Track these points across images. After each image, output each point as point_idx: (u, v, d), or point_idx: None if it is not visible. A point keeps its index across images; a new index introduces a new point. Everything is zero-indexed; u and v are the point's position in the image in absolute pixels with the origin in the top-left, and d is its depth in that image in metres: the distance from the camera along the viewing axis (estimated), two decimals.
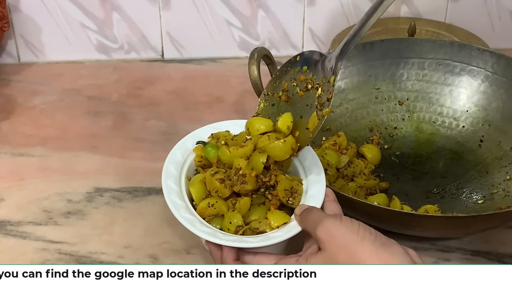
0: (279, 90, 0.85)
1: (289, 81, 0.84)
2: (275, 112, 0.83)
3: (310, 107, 0.81)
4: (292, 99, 0.83)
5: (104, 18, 1.22)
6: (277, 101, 0.84)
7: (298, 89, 0.83)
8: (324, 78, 0.81)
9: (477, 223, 0.81)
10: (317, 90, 0.81)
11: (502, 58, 1.01)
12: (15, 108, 1.14)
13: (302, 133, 0.79)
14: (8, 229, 0.90)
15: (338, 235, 0.66)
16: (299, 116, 0.81)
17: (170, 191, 0.76)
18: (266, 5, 1.23)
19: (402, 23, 1.23)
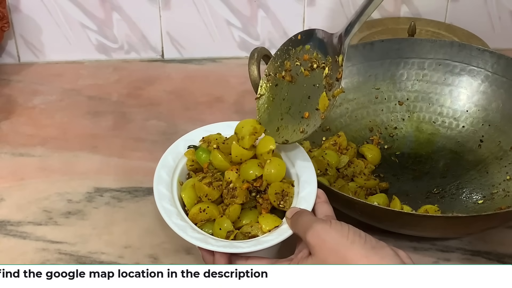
0: (282, 70, 0.83)
1: (292, 60, 0.83)
2: (279, 92, 0.82)
3: (318, 87, 0.80)
4: (297, 78, 0.82)
5: (104, 18, 1.22)
6: (280, 81, 0.83)
7: (302, 68, 0.82)
8: (330, 57, 0.80)
9: (477, 223, 0.81)
10: (323, 70, 0.80)
11: (502, 58, 1.01)
12: (15, 108, 1.14)
13: (312, 114, 0.78)
14: (8, 229, 0.90)
15: (328, 239, 0.66)
16: (306, 96, 0.80)
17: (161, 197, 0.75)
18: (266, 5, 1.23)
19: (402, 23, 1.23)
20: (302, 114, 0.79)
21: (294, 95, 0.82)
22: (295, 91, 0.81)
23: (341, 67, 0.78)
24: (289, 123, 0.80)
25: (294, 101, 0.81)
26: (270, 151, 0.77)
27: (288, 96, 0.82)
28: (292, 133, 0.79)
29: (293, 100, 0.81)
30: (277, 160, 0.77)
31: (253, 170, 0.76)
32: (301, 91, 0.81)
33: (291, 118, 0.80)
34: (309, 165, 0.78)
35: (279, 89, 0.83)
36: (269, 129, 0.81)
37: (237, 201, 0.75)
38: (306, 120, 0.79)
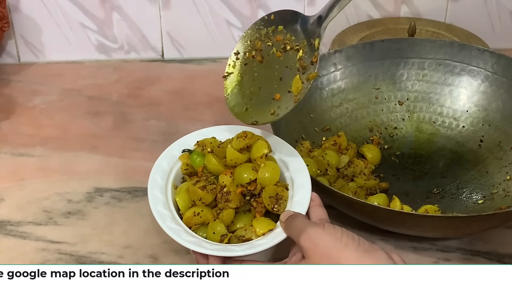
0: (252, 50, 0.82)
1: (263, 40, 0.82)
2: (248, 72, 0.81)
3: (291, 69, 0.79)
4: (268, 59, 0.81)
5: (104, 18, 1.22)
6: (250, 60, 0.82)
7: (274, 49, 0.81)
8: (305, 40, 0.79)
9: (477, 223, 0.81)
10: (297, 52, 0.79)
11: (502, 58, 1.01)
12: (15, 108, 1.14)
13: (284, 96, 0.77)
14: (8, 229, 0.90)
15: (321, 243, 0.66)
16: (278, 78, 0.79)
17: (156, 201, 0.76)
18: (266, 5, 1.23)
19: (402, 23, 1.23)
20: (273, 96, 0.78)
21: (264, 75, 0.81)
22: (266, 71, 0.80)
23: (317, 50, 0.77)
24: (259, 104, 0.79)
25: (265, 82, 0.80)
26: (264, 155, 0.78)
27: (258, 76, 0.81)
28: (262, 114, 0.79)
29: (264, 80, 0.80)
30: (271, 164, 0.77)
31: (247, 173, 0.76)
32: (272, 72, 0.80)
33: (261, 99, 0.80)
34: (303, 169, 0.79)
35: (248, 69, 0.82)
36: (237, 109, 0.80)
37: (231, 205, 0.75)
38: (277, 102, 0.78)
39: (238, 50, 0.83)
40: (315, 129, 1.01)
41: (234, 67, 0.83)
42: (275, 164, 0.78)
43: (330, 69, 1.03)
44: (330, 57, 1.03)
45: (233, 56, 0.83)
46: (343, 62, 1.04)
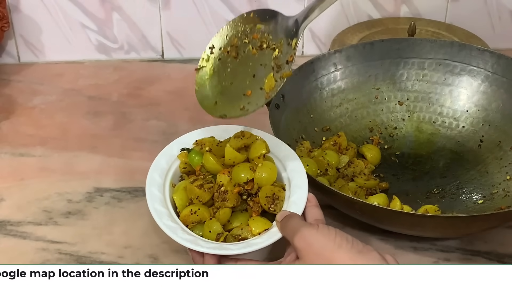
0: (228, 45, 0.83)
1: (239, 37, 0.82)
2: (222, 67, 0.82)
3: (265, 67, 0.79)
4: (242, 56, 0.81)
5: (104, 18, 1.22)
6: (224, 56, 0.82)
7: (250, 46, 0.81)
8: (282, 40, 0.79)
9: (477, 223, 0.81)
10: (273, 51, 0.79)
11: (502, 58, 1.01)
12: (15, 108, 1.14)
13: (255, 93, 0.78)
14: (8, 229, 0.90)
15: (314, 243, 0.66)
16: (251, 75, 0.80)
17: (153, 199, 0.76)
18: (266, 5, 1.23)
19: (402, 23, 1.23)
20: (244, 91, 0.79)
21: (237, 71, 0.81)
22: (239, 68, 0.80)
23: (293, 50, 0.77)
24: (230, 98, 0.80)
25: (237, 78, 0.81)
26: (262, 156, 0.78)
27: (230, 72, 0.81)
28: (231, 108, 0.79)
29: (236, 76, 0.81)
30: (268, 164, 0.77)
31: (244, 173, 0.76)
32: (245, 68, 0.80)
33: (232, 94, 0.80)
34: (301, 169, 0.79)
35: (222, 64, 0.82)
36: (206, 102, 0.81)
37: (227, 205, 0.76)
38: (248, 98, 0.78)
39: (214, 45, 0.84)
40: (315, 129, 1.01)
41: (207, 61, 0.83)
42: (273, 164, 0.78)
43: (330, 69, 1.03)
44: (330, 57, 1.03)
45: (208, 50, 0.84)
46: (343, 62, 1.04)
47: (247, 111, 0.78)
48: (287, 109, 0.98)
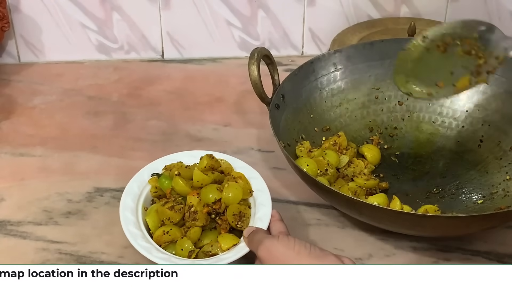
0: (440, 41, 0.89)
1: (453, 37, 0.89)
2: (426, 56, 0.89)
3: (465, 69, 0.87)
4: (448, 53, 0.89)
5: (104, 18, 1.22)
6: (433, 47, 0.89)
7: (460, 49, 0.88)
8: (492, 53, 0.86)
9: (477, 223, 0.81)
10: (478, 59, 0.87)
11: None
12: (15, 108, 1.14)
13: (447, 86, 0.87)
14: (8, 229, 0.90)
15: (275, 252, 0.71)
16: (449, 72, 0.87)
17: (127, 222, 0.81)
18: (266, 5, 1.23)
19: (402, 23, 1.24)
20: (437, 82, 0.87)
21: (438, 65, 0.89)
22: (441, 62, 0.89)
23: (499, 64, 0.85)
24: (421, 83, 0.89)
25: (435, 70, 0.89)
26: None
27: (432, 63, 0.89)
28: (419, 91, 0.88)
29: (435, 68, 0.89)
30: (234, 184, 0.83)
31: (212, 194, 0.82)
32: (447, 65, 0.88)
33: (425, 80, 0.89)
34: (264, 188, 0.85)
35: (428, 53, 0.90)
36: (399, 77, 0.90)
37: (197, 224, 0.81)
38: (438, 88, 0.87)
39: (428, 36, 0.90)
40: (315, 129, 1.01)
41: (416, 46, 0.90)
42: (238, 184, 0.84)
43: (330, 69, 1.03)
44: (330, 57, 1.03)
45: (420, 37, 0.90)
46: (343, 62, 1.04)
47: (433, 97, 0.88)
48: (287, 109, 0.98)
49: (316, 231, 0.90)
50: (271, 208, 0.83)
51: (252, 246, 0.76)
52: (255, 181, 0.86)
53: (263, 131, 1.06)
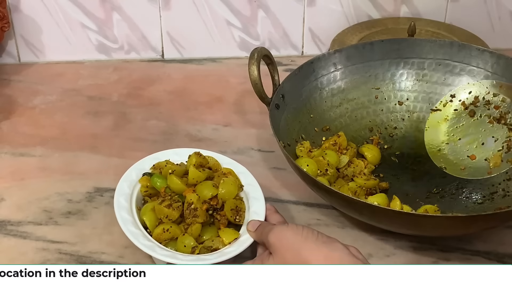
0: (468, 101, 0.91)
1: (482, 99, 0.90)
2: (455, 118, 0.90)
3: (496, 141, 0.87)
4: (478, 118, 0.89)
5: (104, 18, 1.22)
6: (461, 109, 0.91)
7: (489, 115, 0.88)
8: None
9: (477, 223, 0.81)
10: (509, 130, 0.87)
11: (501, 58, 1.01)
12: (15, 108, 1.14)
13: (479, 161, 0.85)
14: (8, 229, 0.90)
15: (284, 238, 0.73)
16: (480, 141, 0.88)
17: (126, 222, 0.81)
18: (266, 5, 1.23)
19: (402, 23, 1.24)
20: (469, 153, 0.87)
21: (468, 130, 0.89)
22: (471, 128, 0.89)
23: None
24: (453, 152, 0.88)
25: (466, 136, 0.89)
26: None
27: (462, 128, 0.90)
28: (452, 164, 0.88)
29: (465, 134, 0.89)
30: (229, 180, 0.84)
31: (208, 190, 0.83)
32: (477, 132, 0.89)
33: (457, 149, 0.88)
34: (255, 183, 0.87)
35: (456, 115, 0.91)
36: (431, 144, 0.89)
37: (198, 220, 0.82)
38: (471, 161, 0.86)
39: (455, 95, 0.92)
40: (315, 129, 1.01)
41: (444, 106, 0.92)
42: (233, 179, 0.85)
43: (330, 69, 1.03)
44: (330, 57, 1.03)
45: (448, 97, 0.92)
46: (343, 62, 1.04)
47: (466, 174, 0.86)
48: (287, 109, 0.98)
49: None
50: (264, 201, 0.84)
51: (260, 237, 0.78)
52: (244, 176, 0.87)
53: (263, 131, 1.06)
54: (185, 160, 0.89)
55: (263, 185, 0.87)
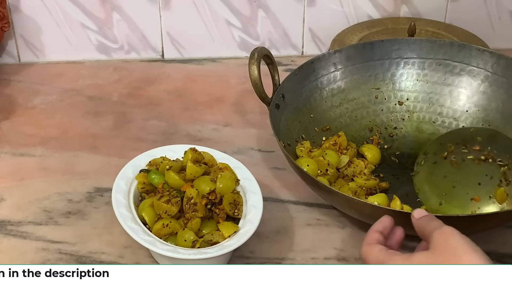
0: (443, 151, 0.92)
1: (456, 144, 0.91)
2: (438, 170, 0.91)
3: (491, 178, 0.88)
4: (462, 163, 0.90)
5: (104, 18, 1.22)
6: (440, 160, 0.91)
7: (472, 156, 0.89)
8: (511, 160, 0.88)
9: (477, 223, 0.81)
10: (500, 166, 0.88)
11: (502, 58, 1.01)
12: (15, 108, 1.14)
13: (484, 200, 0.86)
14: (8, 229, 0.90)
15: (452, 240, 0.69)
16: (476, 182, 0.88)
17: (125, 219, 0.81)
18: (266, 5, 1.23)
19: (402, 23, 1.24)
20: (471, 196, 0.87)
21: (458, 176, 0.89)
22: (460, 173, 0.89)
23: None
24: (455, 200, 0.87)
25: (459, 182, 0.89)
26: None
27: (450, 177, 0.89)
28: (462, 210, 0.86)
29: (457, 181, 0.89)
30: (226, 174, 0.85)
31: (206, 184, 0.84)
32: (467, 175, 0.89)
33: (458, 197, 0.88)
34: (251, 177, 0.87)
35: (438, 167, 0.91)
36: (431, 204, 0.88)
37: (198, 215, 0.83)
38: (477, 203, 0.86)
39: (427, 151, 0.93)
40: (315, 129, 1.01)
41: (421, 165, 0.92)
42: (230, 174, 0.86)
43: (330, 69, 1.03)
44: (330, 57, 1.03)
45: (422, 156, 0.93)
46: (343, 62, 1.04)
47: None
48: (287, 109, 0.98)
49: (316, 231, 0.90)
50: (261, 194, 0.84)
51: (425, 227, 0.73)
52: (240, 171, 0.87)
53: (263, 131, 1.06)
54: (180, 156, 0.89)
55: (263, 185, 0.88)
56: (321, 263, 0.85)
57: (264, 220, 0.83)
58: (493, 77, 1.01)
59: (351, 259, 0.85)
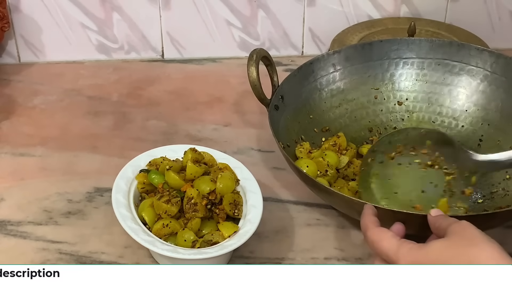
0: (392, 151, 0.89)
1: (406, 145, 0.88)
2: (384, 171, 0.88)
3: (435, 186, 0.85)
4: (408, 167, 0.87)
5: (104, 18, 1.22)
6: (386, 160, 0.89)
7: (419, 160, 0.87)
8: (459, 170, 0.85)
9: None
10: (445, 175, 0.85)
11: (501, 57, 1.01)
12: (15, 108, 1.14)
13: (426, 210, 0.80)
14: (8, 229, 0.90)
15: (469, 231, 0.69)
16: (419, 190, 0.85)
17: (125, 219, 0.82)
18: (266, 5, 1.23)
19: (402, 23, 1.24)
20: (413, 204, 0.83)
21: (403, 180, 0.87)
22: (404, 177, 0.86)
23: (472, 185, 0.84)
24: (397, 206, 0.82)
25: (402, 188, 0.86)
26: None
27: (394, 180, 0.87)
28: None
29: (402, 185, 0.86)
30: (226, 175, 0.85)
31: (206, 184, 0.84)
32: (412, 181, 0.86)
33: (399, 203, 0.84)
34: (251, 177, 0.87)
35: (384, 167, 0.88)
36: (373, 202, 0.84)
37: (198, 215, 0.83)
38: (419, 211, 0.82)
39: (376, 149, 0.90)
40: (315, 130, 1.01)
41: (367, 165, 0.89)
42: (230, 174, 0.86)
43: (329, 70, 1.03)
44: (329, 57, 1.03)
45: (370, 154, 0.90)
46: (342, 62, 1.04)
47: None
48: (286, 110, 0.98)
49: (316, 231, 0.90)
50: (260, 194, 0.84)
51: (440, 223, 0.74)
52: (239, 170, 0.88)
53: (263, 131, 1.06)
54: (180, 156, 0.90)
55: (263, 185, 0.88)
56: (321, 263, 0.85)
57: (264, 220, 0.83)
58: (492, 77, 1.01)
59: (351, 259, 0.86)
